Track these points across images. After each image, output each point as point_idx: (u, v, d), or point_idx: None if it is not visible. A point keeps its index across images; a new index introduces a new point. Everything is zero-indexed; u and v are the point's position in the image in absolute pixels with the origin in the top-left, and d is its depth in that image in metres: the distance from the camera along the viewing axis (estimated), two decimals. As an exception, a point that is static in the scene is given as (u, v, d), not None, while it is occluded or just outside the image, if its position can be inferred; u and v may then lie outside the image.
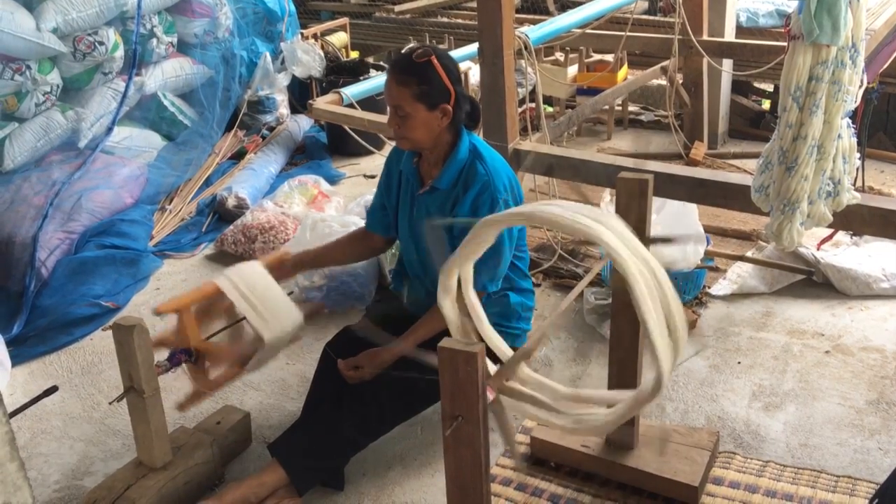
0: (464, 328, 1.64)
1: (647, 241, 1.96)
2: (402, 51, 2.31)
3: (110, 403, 2.36)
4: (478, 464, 1.49)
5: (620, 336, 2.21)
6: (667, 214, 3.03)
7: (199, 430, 2.48)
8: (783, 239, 2.26)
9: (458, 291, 1.67)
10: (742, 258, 3.35)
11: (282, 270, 2.41)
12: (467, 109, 2.32)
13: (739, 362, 2.84)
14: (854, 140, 2.30)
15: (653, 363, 1.46)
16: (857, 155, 2.34)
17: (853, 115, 2.35)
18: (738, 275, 3.32)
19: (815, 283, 3.26)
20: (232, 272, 2.25)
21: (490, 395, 1.49)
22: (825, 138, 2.21)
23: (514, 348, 2.50)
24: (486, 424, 1.48)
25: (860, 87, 2.27)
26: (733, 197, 2.70)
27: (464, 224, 2.25)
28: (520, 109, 3.63)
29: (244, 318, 2.22)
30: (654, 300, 1.48)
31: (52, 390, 2.16)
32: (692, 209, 3.09)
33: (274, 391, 2.84)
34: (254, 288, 2.23)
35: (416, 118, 2.23)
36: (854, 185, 2.41)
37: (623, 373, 2.23)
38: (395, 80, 2.23)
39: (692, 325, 3.02)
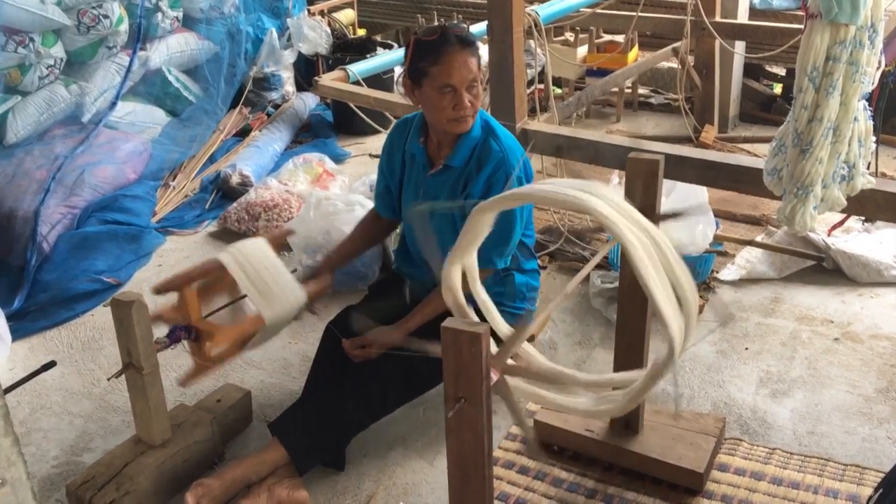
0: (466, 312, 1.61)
1: (657, 219, 1.93)
2: (426, 28, 2.23)
3: (108, 380, 2.34)
4: (480, 447, 1.46)
5: (627, 320, 2.18)
6: (676, 197, 2.98)
7: (199, 407, 2.46)
8: (796, 223, 2.21)
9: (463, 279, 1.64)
10: (751, 243, 3.31)
11: (321, 281, 2.36)
12: None
13: (747, 348, 2.80)
14: (870, 123, 2.24)
15: (663, 335, 1.42)
16: (873, 138, 2.29)
17: (869, 98, 2.30)
18: (747, 260, 3.28)
19: (824, 269, 3.21)
20: (235, 248, 2.21)
21: (494, 376, 1.45)
22: (841, 120, 2.16)
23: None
24: (489, 407, 1.44)
25: (877, 68, 2.22)
26: (744, 180, 2.65)
27: (472, 206, 2.22)
28: (528, 90, 3.57)
29: (245, 295, 2.19)
30: (657, 267, 1.44)
31: (49, 365, 2.13)
32: (702, 192, 3.04)
33: (275, 370, 2.81)
34: (257, 265, 2.19)
35: (481, 87, 2.21)
36: (868, 169, 2.36)
37: (629, 358, 2.19)
38: (469, 52, 2.15)
39: (698, 310, 2.97)
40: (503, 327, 1.76)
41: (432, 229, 2.36)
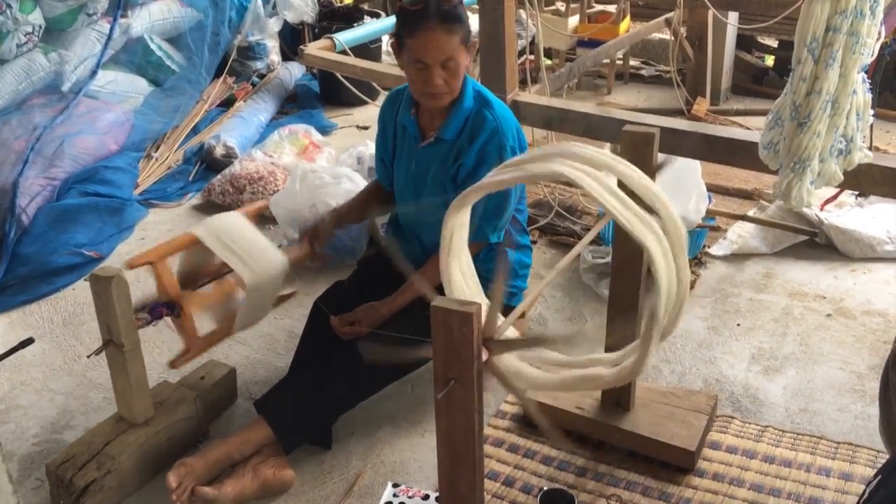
0: (463, 288, 1.56)
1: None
2: None
3: (88, 357, 2.28)
4: (471, 428, 1.42)
5: (619, 296, 2.14)
6: (669, 170, 2.93)
7: (182, 385, 2.41)
8: (792, 198, 2.17)
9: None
10: (744, 217, 3.27)
11: (323, 226, 2.36)
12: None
13: (739, 324, 2.77)
14: (869, 96, 2.20)
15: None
16: (871, 112, 2.24)
17: (866, 71, 2.25)
18: (739, 235, 3.24)
19: (817, 244, 3.18)
20: (208, 221, 2.19)
21: (484, 356, 1.41)
22: (840, 93, 2.11)
23: (509, 306, 2.44)
24: (480, 388, 1.40)
25: (877, 40, 2.16)
26: (739, 154, 2.60)
27: (463, 178, 2.16)
28: (518, 61, 3.50)
29: (230, 271, 2.13)
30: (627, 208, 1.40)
31: (27, 342, 2.07)
32: (695, 166, 2.99)
33: (261, 346, 2.76)
34: (231, 234, 2.15)
35: (461, 65, 2.11)
36: (865, 143, 2.31)
37: (621, 336, 2.15)
38: (444, 30, 2.03)
39: (690, 285, 2.94)
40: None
41: (423, 215, 2.31)
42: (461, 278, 1.56)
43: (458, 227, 1.55)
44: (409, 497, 2.06)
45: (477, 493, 1.49)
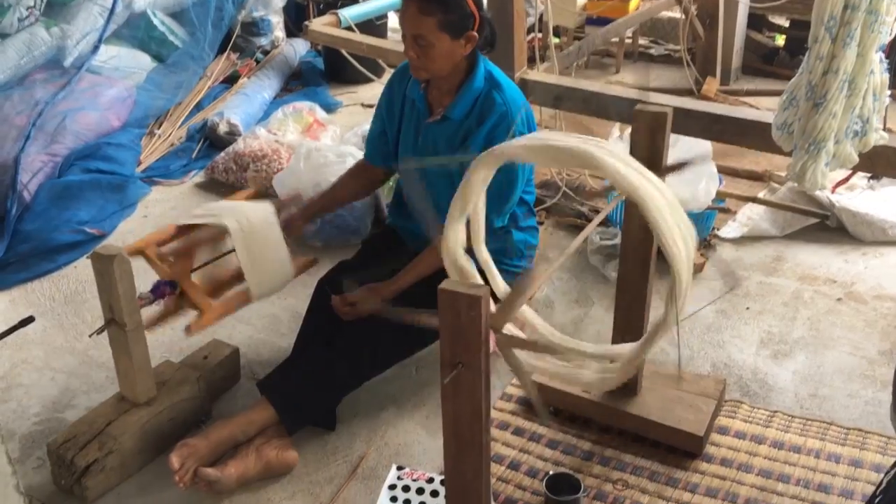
0: (465, 272, 1.53)
1: (663, 173, 1.84)
2: None
3: (90, 336, 2.25)
4: (478, 414, 1.39)
5: (628, 279, 2.10)
6: (679, 151, 2.88)
7: (185, 364, 2.38)
8: (806, 180, 2.13)
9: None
10: (755, 200, 3.22)
11: (293, 226, 2.32)
12: (486, 34, 2.16)
13: (748, 308, 2.73)
14: (886, 76, 2.15)
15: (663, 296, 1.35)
16: (888, 93, 2.19)
17: (883, 50, 2.20)
18: (749, 217, 3.20)
19: (827, 227, 3.14)
20: (243, 215, 2.13)
21: (492, 342, 1.38)
22: (857, 73, 2.06)
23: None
24: (488, 373, 1.37)
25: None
26: (751, 134, 2.56)
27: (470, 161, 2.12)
28: (527, 39, 3.44)
29: (232, 250, 2.10)
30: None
31: (27, 321, 2.05)
32: (706, 147, 2.94)
33: (264, 326, 2.73)
34: (260, 240, 2.12)
35: (438, 48, 2.07)
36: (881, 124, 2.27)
37: (630, 318, 2.12)
38: (417, 7, 2.04)
39: (699, 268, 2.91)
40: (502, 287, 1.68)
41: (427, 184, 2.27)
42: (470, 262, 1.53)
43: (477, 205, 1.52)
44: (413, 480, 2.03)
45: (483, 478, 1.46)
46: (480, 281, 1.57)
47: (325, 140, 3.83)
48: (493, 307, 1.47)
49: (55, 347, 2.67)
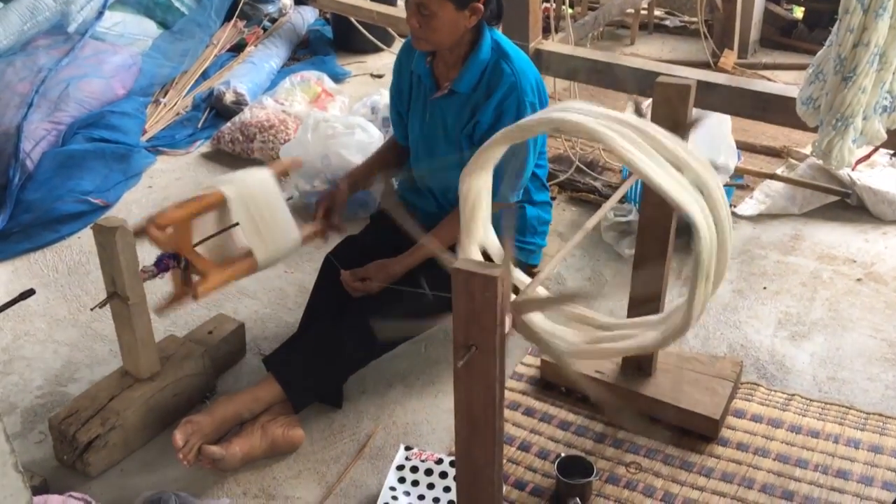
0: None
1: (686, 128, 1.78)
2: None
3: (92, 310, 2.20)
4: (491, 397, 1.33)
5: (645, 257, 2.04)
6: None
7: (189, 339, 2.34)
8: (833, 157, 2.05)
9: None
10: (774, 176, 3.14)
11: (339, 201, 2.25)
12: (493, 6, 2.07)
13: (765, 287, 2.67)
14: (919, 49, 2.06)
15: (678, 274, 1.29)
16: (919, 67, 2.10)
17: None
18: (767, 194, 3.12)
19: (847, 205, 3.06)
20: (240, 181, 2.06)
21: (508, 323, 1.32)
22: (889, 46, 1.97)
23: (527, 265, 2.35)
24: (502, 355, 1.31)
25: (930, -11, 2.02)
26: (774, 109, 2.48)
27: (482, 135, 2.06)
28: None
29: (236, 223, 2.04)
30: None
31: (27, 294, 2.00)
32: (725, 121, 2.85)
33: (270, 300, 2.68)
34: (259, 203, 2.05)
35: (441, 18, 1.99)
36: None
37: (646, 298, 2.06)
38: None
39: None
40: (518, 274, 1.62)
41: (437, 166, 2.21)
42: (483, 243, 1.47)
43: (481, 188, 1.46)
44: (422, 461, 1.99)
45: (496, 463, 1.41)
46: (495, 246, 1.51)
47: (334, 111, 3.75)
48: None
49: (58, 319, 2.63)
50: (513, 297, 1.32)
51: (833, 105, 2.03)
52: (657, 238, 1.99)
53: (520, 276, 1.57)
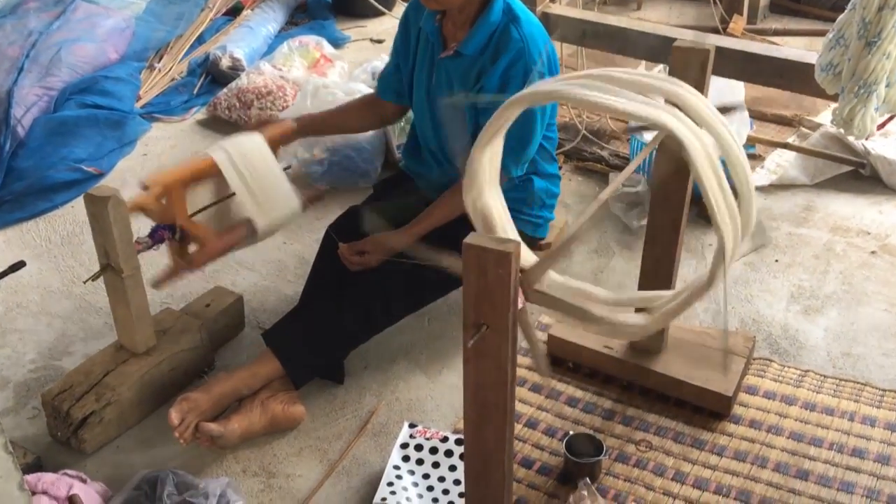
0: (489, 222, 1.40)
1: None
2: None
3: (85, 283, 2.13)
4: (503, 379, 1.27)
5: (657, 231, 1.97)
6: (712, 93, 2.72)
7: (186, 312, 2.27)
8: (854, 126, 1.98)
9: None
10: (786, 146, 3.06)
11: (284, 137, 2.14)
12: None
13: (777, 260, 2.60)
14: (946, 13, 1.97)
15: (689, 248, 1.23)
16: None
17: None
18: (778, 164, 3.04)
19: (860, 175, 2.98)
20: (230, 145, 1.98)
21: (520, 303, 1.25)
22: (917, 9, 1.89)
23: (534, 238, 2.28)
24: (514, 335, 1.25)
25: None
26: (790, 76, 2.40)
27: (486, 102, 1.97)
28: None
29: (233, 194, 1.96)
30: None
31: (18, 266, 1.94)
32: (739, 88, 2.76)
33: (269, 272, 2.61)
34: (253, 167, 1.97)
35: None
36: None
37: (658, 271, 2.00)
38: None
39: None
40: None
41: (438, 126, 2.13)
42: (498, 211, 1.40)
43: (491, 156, 1.39)
44: (427, 439, 1.93)
45: (507, 446, 1.35)
46: (512, 233, 1.44)
47: (333, 77, 3.65)
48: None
49: (51, 291, 2.56)
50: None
51: (856, 71, 1.95)
52: (671, 211, 1.92)
53: (525, 254, 1.50)
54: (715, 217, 1.36)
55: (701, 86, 1.73)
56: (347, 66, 3.79)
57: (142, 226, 1.97)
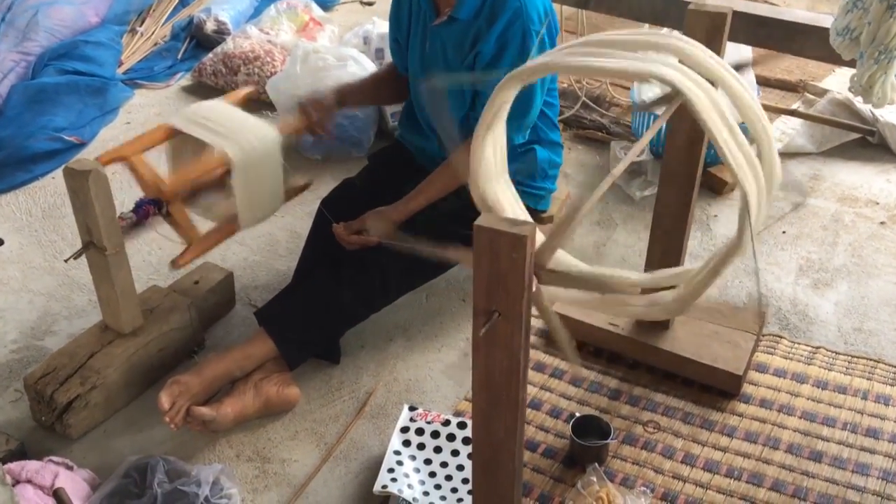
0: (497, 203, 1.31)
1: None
2: None
3: (66, 261, 2.03)
4: (515, 368, 1.19)
5: (667, 206, 1.89)
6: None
7: (174, 290, 2.17)
8: (874, 94, 1.87)
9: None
10: (792, 112, 2.97)
11: (321, 119, 2.07)
12: None
13: (784, 232, 2.53)
14: (971, -27, 1.87)
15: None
16: (968, -7, 1.92)
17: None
18: (783, 132, 2.95)
19: (868, 143, 2.91)
20: (186, 109, 1.95)
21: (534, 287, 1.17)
22: (943, -31, 1.79)
23: (536, 211, 2.19)
24: (528, 322, 1.16)
25: None
26: (800, 39, 2.28)
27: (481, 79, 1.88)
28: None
29: (227, 172, 1.86)
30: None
31: (-4, 244, 1.83)
32: (746, 53, 2.66)
33: (260, 247, 2.51)
34: (211, 116, 1.89)
35: None
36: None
37: (667, 247, 1.92)
38: None
39: (731, 188, 2.69)
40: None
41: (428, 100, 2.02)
42: (500, 191, 1.31)
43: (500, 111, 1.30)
44: (428, 422, 1.86)
45: (518, 437, 1.28)
46: (521, 213, 1.35)
47: (323, 41, 3.52)
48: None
49: (33, 267, 2.46)
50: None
51: (876, 36, 1.85)
52: (681, 183, 1.83)
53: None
54: (733, 169, 1.27)
55: (718, 50, 1.64)
56: (338, 30, 3.66)
57: (126, 198, 1.87)
